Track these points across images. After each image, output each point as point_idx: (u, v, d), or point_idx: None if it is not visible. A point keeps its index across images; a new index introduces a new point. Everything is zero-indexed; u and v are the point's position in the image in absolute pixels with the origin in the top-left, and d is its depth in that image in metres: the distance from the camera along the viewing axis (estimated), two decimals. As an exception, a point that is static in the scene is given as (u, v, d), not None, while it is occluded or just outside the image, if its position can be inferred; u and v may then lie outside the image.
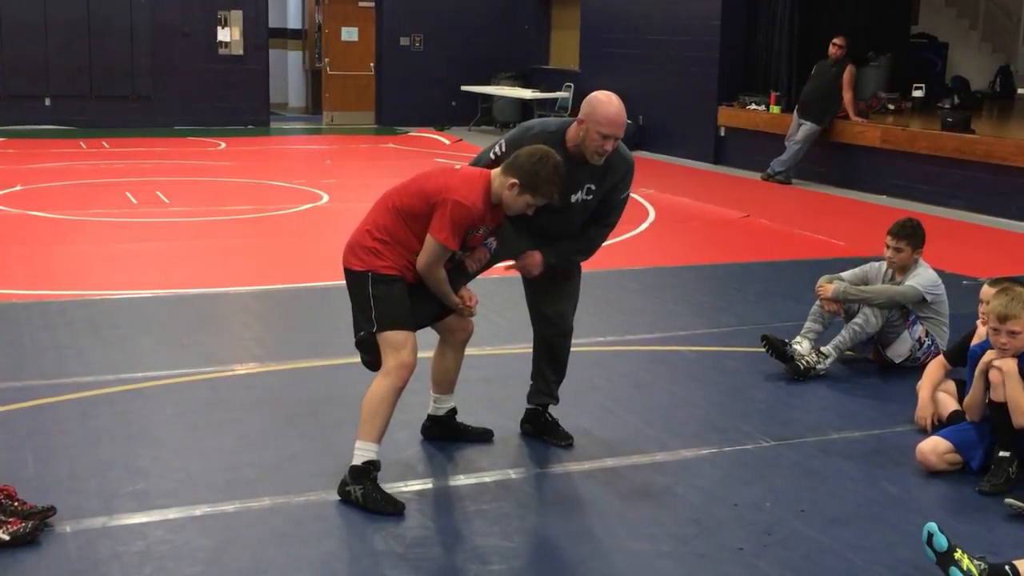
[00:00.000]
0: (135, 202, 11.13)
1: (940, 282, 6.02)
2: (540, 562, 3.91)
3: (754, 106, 14.64)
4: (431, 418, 4.85)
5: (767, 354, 5.97)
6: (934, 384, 5.21)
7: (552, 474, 4.61)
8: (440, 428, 4.84)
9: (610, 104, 4.39)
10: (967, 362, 4.86)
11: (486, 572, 3.74)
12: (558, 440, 4.87)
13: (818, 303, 6.04)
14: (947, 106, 14.51)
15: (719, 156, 15.30)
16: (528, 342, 4.99)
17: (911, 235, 5.92)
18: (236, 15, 18.95)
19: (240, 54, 19.11)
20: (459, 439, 4.84)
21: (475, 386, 5.37)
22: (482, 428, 4.92)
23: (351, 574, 3.78)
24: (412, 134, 18.77)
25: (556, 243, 4.62)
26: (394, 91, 20.08)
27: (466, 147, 16.43)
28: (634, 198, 11.45)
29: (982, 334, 4.96)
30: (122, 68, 18.21)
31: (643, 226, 10.45)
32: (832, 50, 13.15)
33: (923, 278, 5.94)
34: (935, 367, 5.27)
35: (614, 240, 9.35)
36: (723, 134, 15.27)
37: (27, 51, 17.59)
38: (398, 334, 4.21)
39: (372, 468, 4.18)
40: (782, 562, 3.84)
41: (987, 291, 5.03)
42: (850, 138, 13.13)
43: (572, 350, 4.92)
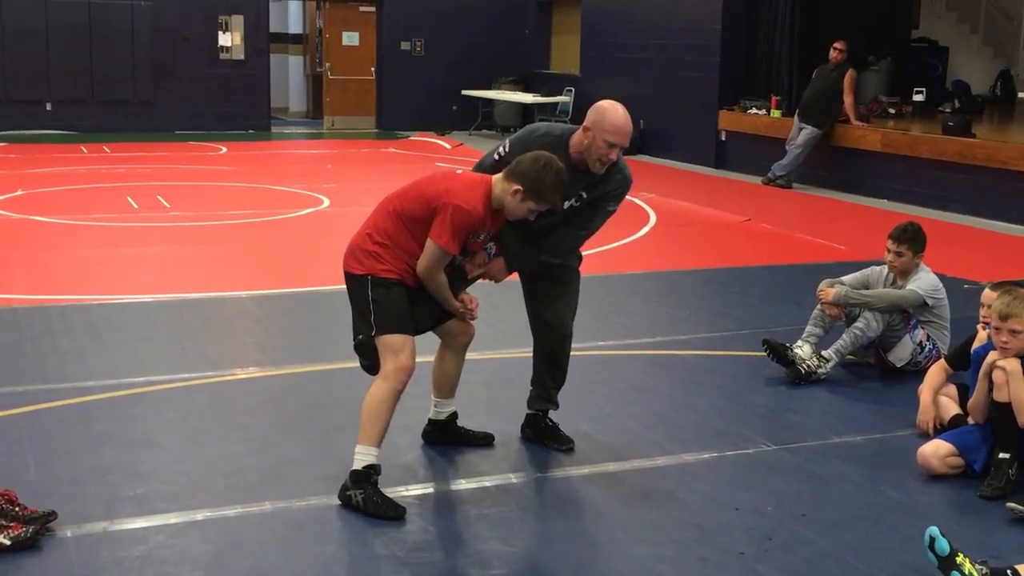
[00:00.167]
0: (136, 207, 11.14)
1: (941, 286, 6.01)
2: (541, 566, 3.90)
3: (755, 110, 14.64)
4: (432, 422, 4.85)
5: (768, 358, 5.97)
6: (935, 388, 5.20)
7: (553, 478, 4.61)
8: (441, 432, 4.84)
9: (617, 113, 4.43)
10: (970, 365, 4.87)
11: (487, 576, 3.74)
12: (559, 444, 4.87)
13: (819, 307, 6.03)
14: (948, 110, 14.54)
15: (720, 160, 15.31)
16: (528, 346, 4.98)
17: (912, 239, 5.92)
18: (237, 20, 18.98)
19: (241, 59, 19.14)
20: (460, 443, 4.83)
21: (476, 390, 5.37)
22: (483, 432, 4.91)
23: (352, 578, 3.77)
24: (413, 138, 18.78)
25: (530, 245, 4.60)
26: (395, 95, 20.10)
27: (467, 151, 16.45)
28: (635, 202, 11.48)
29: (983, 338, 4.96)
30: (123, 73, 18.24)
31: (644, 230, 10.45)
32: (833, 54, 13.15)
33: (924, 282, 5.93)
34: (936, 371, 5.26)
35: (615, 244, 9.40)
36: (724, 138, 15.28)
37: (29, 56, 17.62)
38: (397, 338, 4.21)
39: (373, 472, 4.18)
40: (783, 566, 3.84)
41: (988, 295, 5.03)
42: (851, 142, 13.13)
43: (572, 354, 4.91)
